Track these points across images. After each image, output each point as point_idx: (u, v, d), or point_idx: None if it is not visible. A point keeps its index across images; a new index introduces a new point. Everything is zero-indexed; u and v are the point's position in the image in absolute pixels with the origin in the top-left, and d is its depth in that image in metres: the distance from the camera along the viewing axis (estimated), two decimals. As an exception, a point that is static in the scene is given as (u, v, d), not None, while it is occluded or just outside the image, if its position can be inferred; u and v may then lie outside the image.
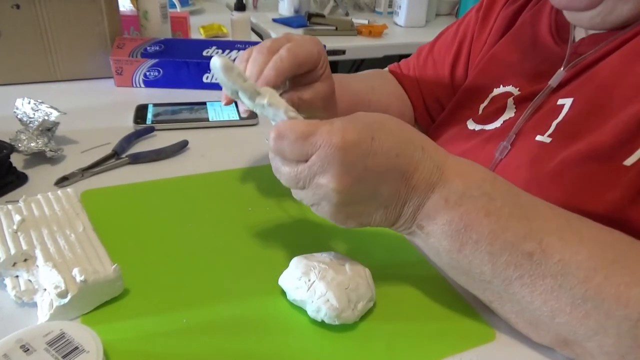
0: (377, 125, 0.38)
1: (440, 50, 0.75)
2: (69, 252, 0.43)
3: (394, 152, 0.37)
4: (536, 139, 0.53)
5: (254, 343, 0.39)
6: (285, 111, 0.39)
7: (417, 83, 0.75)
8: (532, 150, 0.52)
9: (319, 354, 0.38)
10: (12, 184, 0.57)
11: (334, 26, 1.58)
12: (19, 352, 0.33)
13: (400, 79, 0.77)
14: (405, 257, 0.49)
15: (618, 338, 0.34)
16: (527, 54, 0.61)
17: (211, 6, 1.79)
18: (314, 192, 0.38)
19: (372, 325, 0.41)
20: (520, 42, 0.63)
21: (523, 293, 0.37)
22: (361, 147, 0.36)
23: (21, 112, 0.66)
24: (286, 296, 0.43)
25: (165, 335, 0.39)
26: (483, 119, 0.62)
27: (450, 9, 1.97)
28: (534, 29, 0.62)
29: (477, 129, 0.62)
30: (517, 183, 0.47)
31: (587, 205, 0.45)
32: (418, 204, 0.39)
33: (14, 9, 0.82)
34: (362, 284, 0.41)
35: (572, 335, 0.36)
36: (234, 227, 0.52)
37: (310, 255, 0.44)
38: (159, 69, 0.90)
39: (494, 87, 0.63)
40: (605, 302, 0.34)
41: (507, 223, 0.37)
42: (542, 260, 0.36)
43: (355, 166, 0.36)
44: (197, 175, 0.62)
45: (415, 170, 0.38)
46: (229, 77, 0.38)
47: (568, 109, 0.51)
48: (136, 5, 1.03)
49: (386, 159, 0.37)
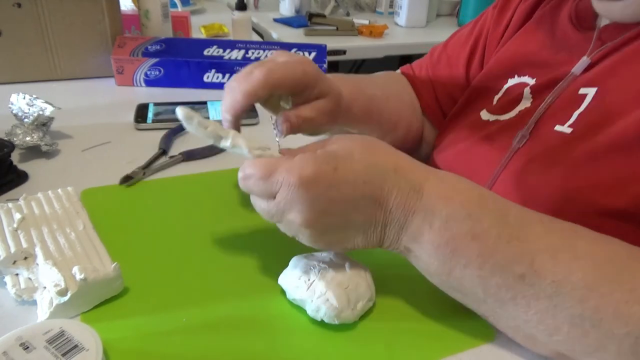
0: (343, 153, 0.38)
1: (455, 48, 0.73)
2: (69, 251, 0.43)
3: (360, 179, 0.37)
4: (555, 129, 0.51)
5: (253, 342, 0.39)
6: (249, 150, 0.40)
7: (430, 81, 0.73)
8: (550, 140, 0.51)
9: (318, 353, 0.38)
10: (12, 182, 0.57)
11: (334, 26, 1.58)
12: (19, 349, 0.33)
13: (412, 81, 0.75)
14: (405, 258, 0.49)
15: (618, 355, 0.33)
16: (544, 44, 0.59)
17: (212, 6, 1.79)
18: (288, 227, 0.39)
19: (371, 325, 0.41)
20: (538, 33, 0.61)
21: (518, 312, 0.36)
22: (322, 180, 0.36)
23: (16, 108, 0.67)
24: (286, 295, 0.43)
25: (164, 334, 0.39)
26: (498, 109, 0.60)
27: (451, 9, 1.96)
28: (553, 19, 0.60)
29: (492, 119, 0.60)
30: (532, 176, 0.46)
31: (608, 200, 0.44)
32: (399, 227, 0.38)
33: (15, 8, 0.82)
34: (361, 284, 0.41)
35: (570, 352, 0.36)
36: (234, 226, 0.52)
37: (310, 255, 0.44)
38: (160, 68, 0.90)
39: (508, 78, 0.62)
40: (604, 321, 0.33)
41: (496, 246, 0.36)
42: (534, 282, 0.35)
43: (317, 200, 0.36)
44: (197, 175, 0.62)
45: (389, 194, 0.37)
46: (190, 126, 0.40)
47: (591, 99, 0.50)
48: (137, 5, 1.03)
49: (353, 187, 0.37)
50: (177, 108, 0.39)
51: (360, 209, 0.37)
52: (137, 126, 0.73)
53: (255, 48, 0.94)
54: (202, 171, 0.63)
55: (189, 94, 0.87)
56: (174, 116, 0.79)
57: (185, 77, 0.91)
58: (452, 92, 0.72)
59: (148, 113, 0.76)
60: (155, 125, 0.73)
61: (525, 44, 0.62)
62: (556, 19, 0.60)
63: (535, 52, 0.60)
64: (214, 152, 0.67)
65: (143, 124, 0.73)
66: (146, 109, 0.78)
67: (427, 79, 0.74)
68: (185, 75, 0.91)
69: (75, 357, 0.33)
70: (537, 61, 0.59)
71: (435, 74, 0.74)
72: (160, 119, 0.75)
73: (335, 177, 0.36)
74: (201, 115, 0.41)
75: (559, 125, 0.51)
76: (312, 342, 0.39)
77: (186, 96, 0.85)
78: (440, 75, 0.73)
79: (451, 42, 0.74)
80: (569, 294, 0.34)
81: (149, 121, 0.74)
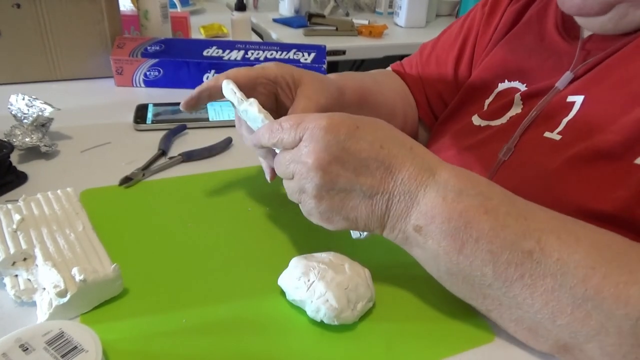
0: (367, 120, 0.40)
1: (444, 47, 0.74)
2: (68, 252, 0.43)
3: (378, 143, 0.39)
4: (544, 135, 0.52)
5: (253, 343, 0.39)
6: (265, 117, 0.44)
7: (420, 80, 0.74)
8: (539, 147, 0.52)
9: (318, 354, 0.38)
10: (11, 183, 0.57)
11: (334, 26, 1.58)
12: (18, 351, 0.33)
13: (403, 77, 0.76)
14: (405, 258, 0.48)
15: (619, 337, 0.34)
16: (533, 50, 0.60)
17: (212, 6, 1.79)
18: (299, 175, 0.40)
19: (371, 326, 0.41)
20: (527, 37, 0.62)
21: (524, 295, 0.36)
22: (342, 129, 0.38)
23: (15, 108, 0.66)
24: (285, 296, 0.43)
25: (164, 335, 0.39)
26: (489, 114, 0.61)
27: (451, 9, 1.97)
28: (541, 24, 0.61)
29: (483, 125, 0.61)
30: (523, 180, 0.47)
31: (595, 204, 0.45)
32: (410, 199, 0.38)
33: (15, 8, 0.82)
34: (361, 284, 0.41)
35: (572, 338, 0.36)
36: (233, 227, 0.52)
37: (309, 256, 0.44)
38: (159, 69, 0.90)
39: (498, 82, 0.63)
40: (605, 301, 0.34)
41: (506, 221, 0.36)
42: (541, 259, 0.35)
43: (335, 145, 0.38)
44: (196, 175, 0.62)
45: (402, 165, 0.38)
46: (226, 91, 0.47)
47: (579, 106, 0.51)
48: (137, 5, 1.03)
49: (369, 146, 0.38)
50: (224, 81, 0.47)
51: (371, 171, 0.38)
52: (136, 127, 0.73)
53: (255, 48, 0.94)
54: (201, 172, 0.63)
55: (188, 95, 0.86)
56: (173, 117, 0.80)
57: (185, 78, 0.91)
58: (441, 92, 0.73)
59: (147, 114, 0.76)
60: (155, 126, 0.73)
61: (515, 48, 0.63)
62: (543, 23, 0.61)
63: (524, 58, 0.61)
64: (213, 153, 0.67)
65: (142, 125, 0.73)
66: (145, 110, 0.77)
67: (418, 78, 0.75)
68: (184, 75, 0.91)
69: (74, 358, 0.33)
70: (526, 67, 0.60)
71: (425, 72, 0.74)
72: (160, 120, 0.75)
73: (356, 133, 0.39)
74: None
75: (548, 132, 0.52)
76: (312, 343, 0.39)
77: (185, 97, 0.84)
78: (430, 75, 0.74)
79: (440, 42, 0.75)
80: (572, 272, 0.35)
81: (148, 122, 0.74)
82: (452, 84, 0.71)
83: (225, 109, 0.79)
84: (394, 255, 0.49)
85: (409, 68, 0.77)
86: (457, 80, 0.71)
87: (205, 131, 0.73)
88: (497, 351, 0.40)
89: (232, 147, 0.70)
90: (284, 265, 0.44)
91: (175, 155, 0.65)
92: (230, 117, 0.77)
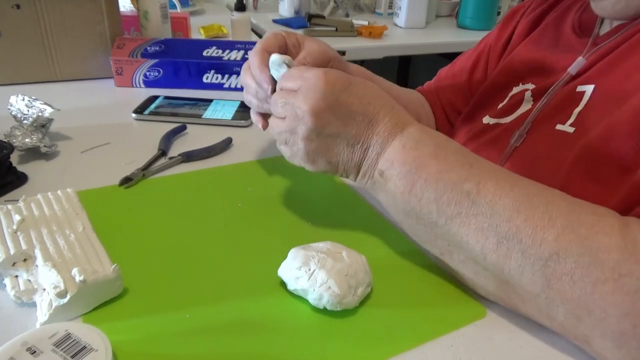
0: (359, 79, 0.46)
1: (460, 63, 0.78)
2: (68, 252, 0.43)
3: (366, 99, 0.44)
4: (557, 128, 0.53)
5: (259, 335, 0.39)
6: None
7: (436, 94, 0.79)
8: (552, 140, 0.52)
9: (324, 339, 0.39)
10: (11, 184, 0.57)
11: (334, 27, 1.58)
12: (26, 354, 0.33)
13: (423, 93, 0.80)
14: (398, 248, 0.50)
15: (532, 277, 0.36)
16: (548, 53, 0.61)
17: (211, 7, 1.79)
18: (293, 116, 0.44)
19: (370, 310, 0.42)
20: (543, 42, 0.64)
21: (461, 233, 0.39)
22: (338, 83, 0.44)
23: (15, 109, 0.66)
24: (286, 287, 0.43)
25: (165, 333, 0.39)
26: (499, 113, 0.63)
27: (450, 10, 1.97)
28: (558, 29, 0.63)
29: (492, 123, 0.62)
30: (538, 173, 0.48)
31: (605, 187, 0.46)
32: (380, 149, 0.44)
33: (14, 9, 0.82)
34: (360, 270, 0.42)
35: (501, 276, 0.38)
36: (228, 224, 0.52)
37: (307, 246, 0.44)
38: (159, 69, 0.90)
39: (513, 86, 0.64)
40: (523, 242, 0.36)
41: (452, 166, 0.41)
42: (476, 199, 0.39)
43: (330, 96, 0.43)
44: (195, 172, 0.62)
45: (381, 120, 0.44)
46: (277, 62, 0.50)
47: (589, 96, 0.51)
48: (136, 6, 1.03)
49: (359, 101, 0.44)
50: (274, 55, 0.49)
51: (357, 123, 0.44)
52: (134, 117, 0.75)
53: (255, 49, 0.94)
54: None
55: (188, 95, 0.87)
56: (171, 110, 0.80)
57: (185, 78, 0.91)
58: (455, 102, 0.77)
59: (151, 105, 0.78)
60: (151, 117, 0.75)
61: (531, 52, 0.65)
62: (560, 29, 0.63)
63: (538, 60, 0.62)
64: (213, 154, 0.67)
65: (139, 115, 0.75)
66: (152, 102, 0.80)
67: (435, 93, 0.80)
68: (184, 76, 0.91)
69: (85, 357, 0.33)
70: (539, 67, 0.62)
71: (441, 86, 0.79)
72: (158, 112, 0.76)
73: (349, 88, 0.44)
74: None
75: (560, 124, 0.52)
76: (317, 329, 0.40)
77: (186, 96, 0.85)
78: (445, 87, 0.79)
79: (458, 62, 0.80)
80: (499, 213, 0.38)
81: (146, 113, 0.75)
82: (466, 92, 0.75)
83: (223, 109, 0.79)
84: (387, 247, 0.50)
85: (427, 87, 0.82)
86: (470, 85, 0.75)
87: (205, 131, 0.73)
88: (490, 324, 0.42)
89: (232, 147, 0.70)
90: (280, 257, 0.44)
91: (175, 156, 0.65)
92: (224, 117, 0.77)
